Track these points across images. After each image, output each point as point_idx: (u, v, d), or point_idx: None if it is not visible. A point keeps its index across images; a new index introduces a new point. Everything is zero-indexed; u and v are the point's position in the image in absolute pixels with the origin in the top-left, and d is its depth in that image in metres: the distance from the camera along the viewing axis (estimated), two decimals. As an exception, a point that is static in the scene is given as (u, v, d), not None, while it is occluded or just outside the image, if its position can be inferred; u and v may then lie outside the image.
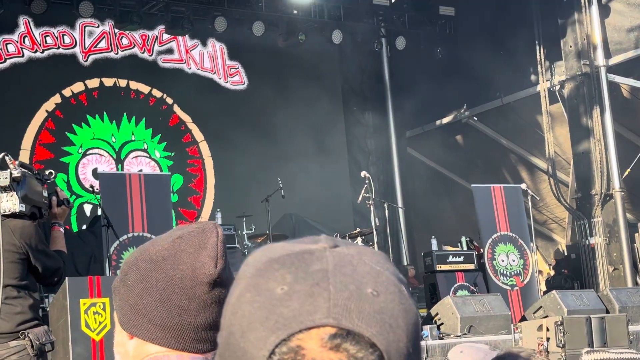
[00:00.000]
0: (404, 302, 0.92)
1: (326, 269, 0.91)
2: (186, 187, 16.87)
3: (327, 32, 16.68)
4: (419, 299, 14.55)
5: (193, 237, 1.59)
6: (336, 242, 0.97)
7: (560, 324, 8.82)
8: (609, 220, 15.37)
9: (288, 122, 17.45)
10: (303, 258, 0.93)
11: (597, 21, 15.69)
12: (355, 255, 0.94)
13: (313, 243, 0.96)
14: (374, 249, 1.01)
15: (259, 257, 0.96)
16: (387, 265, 0.96)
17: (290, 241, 0.98)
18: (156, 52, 16.97)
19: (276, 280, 0.91)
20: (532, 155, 18.18)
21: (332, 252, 0.93)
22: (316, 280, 0.89)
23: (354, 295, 0.89)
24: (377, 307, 0.89)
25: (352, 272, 0.91)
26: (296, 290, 0.89)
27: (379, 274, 0.92)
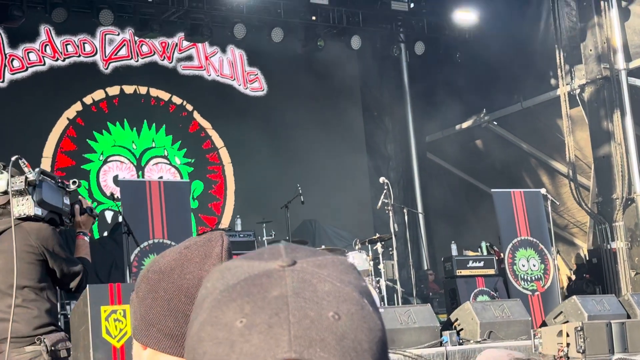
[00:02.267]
0: (367, 319, 0.89)
1: (285, 294, 0.88)
2: (206, 193, 16.94)
3: (346, 37, 16.72)
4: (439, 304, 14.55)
5: (199, 247, 1.63)
6: (295, 255, 0.93)
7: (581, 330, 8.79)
8: (631, 225, 15.30)
9: (307, 128, 17.49)
10: (261, 283, 0.89)
11: (617, 24, 15.63)
12: (315, 272, 0.91)
13: (271, 259, 0.93)
14: (335, 256, 0.96)
15: (217, 282, 0.93)
16: (349, 278, 0.92)
17: (248, 257, 0.95)
18: (176, 59, 17.07)
19: (234, 312, 0.88)
20: (552, 159, 18.12)
21: (292, 273, 0.90)
22: (275, 309, 0.86)
23: (315, 322, 0.86)
24: (340, 333, 0.86)
25: (312, 294, 0.88)
26: (255, 323, 0.86)
27: (340, 292, 0.89)
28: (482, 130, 18.82)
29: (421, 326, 9.55)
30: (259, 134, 17.10)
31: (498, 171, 18.80)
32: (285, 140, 17.37)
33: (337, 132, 17.97)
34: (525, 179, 18.49)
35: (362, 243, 13.05)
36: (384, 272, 12.74)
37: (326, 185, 16.62)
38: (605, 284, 15.29)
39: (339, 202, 16.85)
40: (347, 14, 16.74)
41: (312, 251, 0.96)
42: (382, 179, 12.36)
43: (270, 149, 17.11)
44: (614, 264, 15.28)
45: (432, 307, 10.51)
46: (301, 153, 17.34)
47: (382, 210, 12.58)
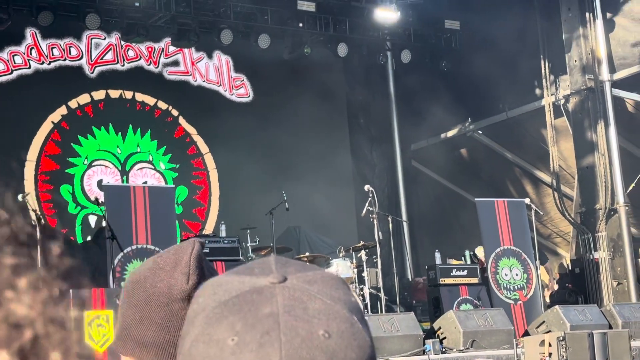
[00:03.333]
0: (357, 337, 0.90)
1: (276, 312, 0.88)
2: (191, 198, 16.92)
3: (332, 45, 16.76)
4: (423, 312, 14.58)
5: (171, 255, 1.64)
6: (286, 271, 0.94)
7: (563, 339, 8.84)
8: (613, 235, 15.39)
9: (293, 134, 17.51)
10: (252, 300, 0.90)
11: (602, 36, 15.74)
12: (305, 289, 0.92)
13: (262, 274, 0.94)
14: (324, 272, 0.97)
15: (208, 299, 0.93)
16: (339, 294, 0.93)
17: (238, 272, 0.96)
18: (162, 64, 17.06)
19: (226, 329, 0.88)
20: (536, 169, 18.22)
21: (282, 290, 0.91)
22: (266, 328, 0.87)
23: (306, 341, 0.86)
24: (330, 351, 0.87)
25: (303, 312, 0.89)
26: (247, 342, 0.87)
27: (330, 310, 0.90)
28: (467, 139, 18.90)
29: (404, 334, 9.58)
30: (244, 140, 17.10)
31: (482, 180, 18.88)
32: (270, 146, 17.37)
33: (323, 140, 17.99)
34: (509, 189, 18.58)
35: (346, 250, 13.07)
36: (368, 280, 12.76)
37: (311, 192, 16.64)
38: (587, 293, 15.37)
39: (324, 209, 16.86)
40: (334, 22, 16.78)
41: (302, 266, 0.96)
42: (367, 186, 12.39)
43: (255, 155, 17.10)
44: (597, 274, 15.36)
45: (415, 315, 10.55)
46: (286, 160, 17.35)
47: (366, 217, 12.61)
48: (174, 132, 17.07)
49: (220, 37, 15.60)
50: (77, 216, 15.76)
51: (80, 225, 15.72)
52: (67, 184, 15.71)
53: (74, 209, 15.74)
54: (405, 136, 19.57)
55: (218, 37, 15.63)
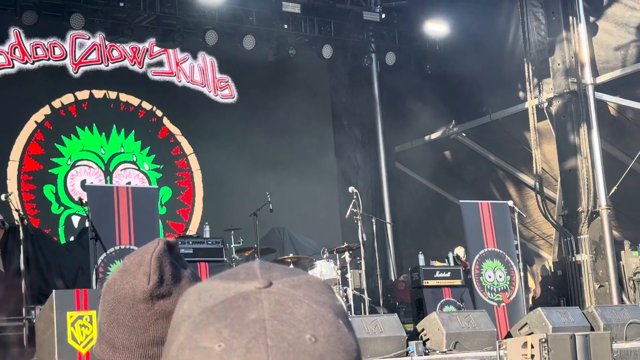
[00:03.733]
0: (343, 341, 0.90)
1: (262, 317, 0.88)
2: (174, 199, 16.89)
3: (317, 46, 16.77)
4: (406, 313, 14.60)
5: (136, 256, 1.65)
6: (271, 276, 0.94)
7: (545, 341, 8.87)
8: (596, 238, 15.47)
9: (277, 136, 17.50)
10: (238, 306, 0.90)
11: (585, 39, 15.82)
12: (291, 294, 0.92)
13: (247, 279, 0.93)
14: (309, 276, 0.97)
15: (193, 305, 0.93)
16: (324, 298, 0.93)
17: (223, 277, 0.95)
18: (146, 65, 17.02)
19: (213, 335, 0.88)
20: (519, 171, 18.29)
21: (268, 295, 0.91)
22: (253, 333, 0.87)
23: (293, 346, 0.87)
24: (317, 356, 0.87)
25: (289, 317, 0.89)
26: (234, 348, 0.86)
27: (316, 314, 0.90)
28: (451, 142, 18.94)
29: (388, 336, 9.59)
30: (228, 141, 17.08)
31: (466, 182, 18.94)
32: (254, 147, 17.36)
33: (307, 141, 18.00)
34: (493, 191, 18.64)
35: (330, 252, 13.08)
36: (352, 281, 12.77)
37: (295, 193, 16.64)
38: (569, 296, 15.44)
39: (308, 210, 16.87)
40: (319, 23, 16.80)
41: (287, 270, 0.97)
42: (351, 188, 12.41)
43: (240, 156, 17.09)
44: (579, 276, 15.43)
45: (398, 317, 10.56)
46: (270, 161, 17.34)
47: (350, 219, 12.62)
48: (158, 133, 17.02)
49: (205, 38, 15.58)
50: (60, 216, 15.69)
51: (63, 225, 15.66)
52: (50, 184, 15.64)
53: (57, 209, 15.68)
54: (390, 138, 19.60)
55: (203, 38, 15.62)
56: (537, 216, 17.40)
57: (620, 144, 16.50)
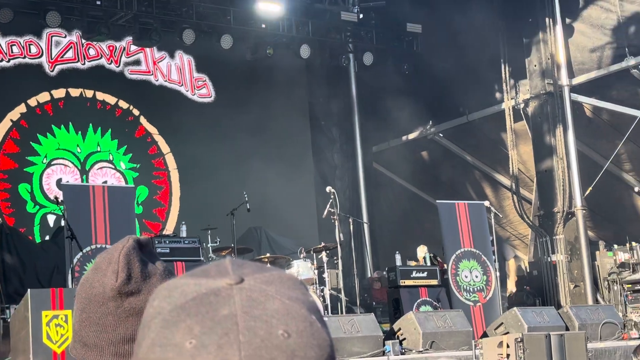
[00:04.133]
0: (316, 336, 0.89)
1: (234, 313, 0.87)
2: (151, 198, 16.82)
3: (295, 46, 16.75)
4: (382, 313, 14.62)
5: (107, 254, 1.65)
6: (242, 272, 0.93)
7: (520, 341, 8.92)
8: (571, 238, 15.57)
9: (255, 135, 17.46)
10: (209, 302, 0.89)
11: (562, 41, 15.92)
12: (263, 290, 0.91)
13: (218, 276, 0.92)
14: (281, 272, 0.96)
15: (163, 302, 0.92)
16: (297, 294, 0.92)
17: (194, 274, 0.94)
18: (123, 64, 16.93)
19: (184, 332, 0.87)
20: (496, 172, 18.37)
21: (240, 291, 0.90)
22: (225, 329, 0.86)
23: (265, 341, 0.86)
24: (290, 351, 0.86)
25: (262, 312, 0.88)
26: (205, 344, 0.86)
27: (289, 310, 0.89)
28: (428, 142, 19.00)
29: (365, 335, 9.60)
30: (205, 141, 17.03)
31: (442, 183, 19.00)
32: (232, 147, 17.31)
33: (284, 141, 17.98)
34: (469, 191, 18.72)
35: (307, 251, 13.07)
36: (329, 281, 12.77)
37: (272, 193, 16.62)
38: (545, 295, 15.53)
39: (285, 210, 16.85)
40: (296, 23, 16.78)
41: (258, 267, 0.96)
42: (329, 188, 12.40)
43: (217, 155, 17.04)
44: (554, 276, 15.52)
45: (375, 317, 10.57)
46: (248, 160, 17.31)
47: (327, 219, 12.61)
48: (134, 132, 16.94)
49: (183, 37, 15.52)
50: (35, 215, 15.58)
51: (39, 224, 15.54)
52: (25, 182, 15.52)
53: (32, 208, 15.57)
54: (367, 138, 19.62)
55: (180, 37, 15.55)
56: (513, 216, 17.49)
57: (596, 145, 16.62)
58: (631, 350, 10.31)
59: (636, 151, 16.23)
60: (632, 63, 15.17)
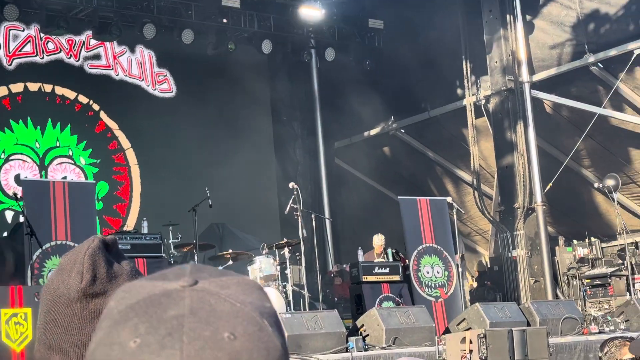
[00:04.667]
0: (265, 341, 0.89)
1: (182, 314, 0.87)
2: (112, 194, 16.65)
3: (257, 41, 16.66)
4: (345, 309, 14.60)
5: (71, 254, 1.62)
6: (199, 276, 0.93)
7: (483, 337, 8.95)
8: (531, 234, 15.68)
9: (216, 130, 17.37)
10: (159, 303, 0.89)
11: (522, 38, 16.02)
12: (215, 292, 0.90)
13: (175, 279, 0.92)
14: (241, 277, 0.95)
15: (117, 302, 0.92)
16: (251, 298, 0.92)
17: (153, 277, 0.94)
18: (83, 58, 16.72)
19: (130, 331, 0.87)
20: (457, 168, 18.45)
21: (191, 292, 0.90)
22: (169, 329, 0.86)
23: (209, 343, 0.85)
24: (235, 353, 0.86)
25: (209, 314, 0.88)
26: (148, 343, 0.85)
27: (239, 313, 0.89)
28: (390, 138, 19.02)
29: (328, 332, 9.57)
30: (167, 136, 16.90)
31: (404, 178, 19.04)
32: (193, 142, 17.20)
33: (246, 136, 17.89)
34: (431, 187, 18.77)
35: (270, 248, 13.01)
36: (291, 277, 12.73)
37: (234, 189, 16.53)
38: (505, 291, 15.62)
39: (247, 205, 16.78)
40: (258, 18, 16.69)
41: (219, 272, 0.95)
42: (292, 184, 12.35)
43: (178, 151, 16.92)
44: (515, 271, 15.62)
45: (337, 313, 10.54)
46: (210, 156, 17.20)
47: (290, 214, 12.57)
48: (94, 127, 16.77)
49: (143, 31, 15.36)
50: (-7, 211, 15.36)
51: (-3, 220, 15.31)
52: (-17, 178, 15.27)
53: (-10, 204, 15.33)
54: (329, 134, 19.60)
55: (141, 31, 15.39)
56: (474, 212, 17.58)
57: (556, 141, 16.75)
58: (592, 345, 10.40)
59: (595, 147, 16.39)
60: (592, 60, 15.31)
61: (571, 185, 16.67)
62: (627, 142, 16.12)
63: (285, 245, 12.80)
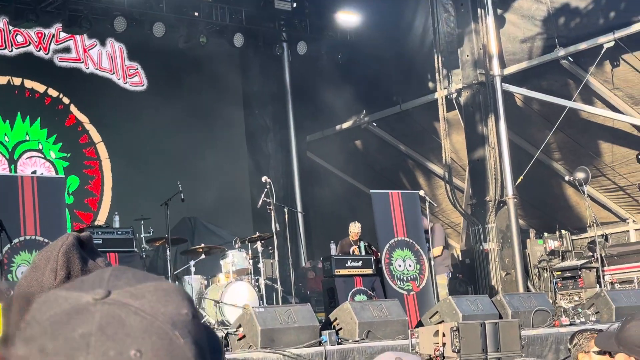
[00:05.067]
0: (174, 354, 0.85)
1: (89, 332, 0.84)
2: (82, 188, 16.48)
3: (228, 35, 16.54)
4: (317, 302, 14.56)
5: (45, 252, 1.56)
6: (115, 284, 0.90)
7: (456, 330, 8.92)
8: (502, 227, 15.70)
9: (188, 124, 17.24)
10: (68, 320, 0.86)
11: (493, 31, 16.02)
12: (127, 304, 0.87)
13: (90, 288, 0.89)
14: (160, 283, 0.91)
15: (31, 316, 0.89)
16: (166, 308, 0.88)
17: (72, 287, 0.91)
18: (52, 51, 16.52)
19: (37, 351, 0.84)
20: (429, 161, 18.45)
21: (102, 307, 0.87)
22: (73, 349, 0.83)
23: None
24: None
25: (117, 330, 0.84)
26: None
27: (148, 327, 0.85)
28: (362, 131, 18.99)
29: (301, 326, 9.51)
30: (138, 130, 16.75)
31: (376, 172, 19.02)
32: (165, 136, 17.06)
33: (218, 130, 17.79)
34: (403, 180, 18.77)
35: (242, 242, 12.94)
36: (264, 271, 12.66)
37: (207, 182, 16.42)
38: (477, 283, 15.65)
39: (220, 199, 16.66)
40: (230, 11, 16.57)
41: (136, 278, 0.92)
42: (265, 178, 12.26)
43: (150, 145, 16.78)
44: (486, 264, 15.65)
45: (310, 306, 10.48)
46: (181, 150, 17.08)
47: (262, 208, 12.48)
48: (64, 121, 16.58)
49: (114, 24, 15.19)
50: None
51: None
52: (-49, 173, 15.05)
53: (-42, 198, 15.09)
54: (301, 127, 19.53)
55: (111, 24, 15.21)
56: (445, 205, 17.58)
57: (526, 135, 16.79)
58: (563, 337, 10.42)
59: (566, 141, 16.45)
60: (562, 54, 15.35)
61: (542, 178, 16.72)
62: (597, 135, 16.19)
63: (258, 239, 12.73)
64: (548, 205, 17.32)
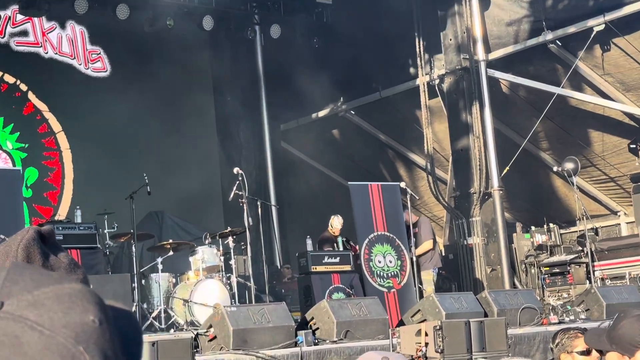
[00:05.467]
0: None
1: None
2: (42, 181, 16.38)
3: (197, 17, 16.46)
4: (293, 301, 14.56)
5: (4, 246, 1.53)
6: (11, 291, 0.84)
7: (440, 329, 8.95)
8: (487, 220, 15.76)
9: (154, 113, 17.15)
10: None
11: (478, 14, 16.03)
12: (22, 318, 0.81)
13: None
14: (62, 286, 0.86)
15: None
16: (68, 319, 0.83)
17: None
18: (9, 34, 16.39)
19: None
20: (410, 151, 18.48)
21: None
22: None
23: None
24: None
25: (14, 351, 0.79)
26: None
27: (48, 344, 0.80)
28: (339, 120, 18.99)
29: (275, 325, 9.50)
30: (101, 118, 16.64)
31: (355, 162, 19.03)
32: (129, 125, 16.96)
33: (187, 119, 17.72)
34: (382, 171, 18.79)
35: (213, 237, 12.90)
36: (236, 268, 12.64)
37: (174, 174, 16.34)
38: (461, 280, 15.70)
39: (188, 192, 16.60)
40: (199, -8, 16.48)
41: (34, 281, 0.86)
42: (237, 169, 12.22)
43: (113, 134, 16.68)
44: (470, 259, 15.70)
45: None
46: (148, 140, 17.01)
47: (234, 202, 12.45)
48: (22, 109, 16.47)
49: (74, 5, 15.07)
50: None
51: None
52: None
53: None
54: (275, 116, 19.47)
55: (72, 5, 15.10)
56: (427, 197, 17.63)
57: (513, 123, 16.86)
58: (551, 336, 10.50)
59: (554, 129, 16.53)
60: (550, 37, 15.41)
61: (529, 169, 16.82)
62: (587, 124, 16.29)
63: (230, 234, 12.70)
64: (535, 197, 17.42)
